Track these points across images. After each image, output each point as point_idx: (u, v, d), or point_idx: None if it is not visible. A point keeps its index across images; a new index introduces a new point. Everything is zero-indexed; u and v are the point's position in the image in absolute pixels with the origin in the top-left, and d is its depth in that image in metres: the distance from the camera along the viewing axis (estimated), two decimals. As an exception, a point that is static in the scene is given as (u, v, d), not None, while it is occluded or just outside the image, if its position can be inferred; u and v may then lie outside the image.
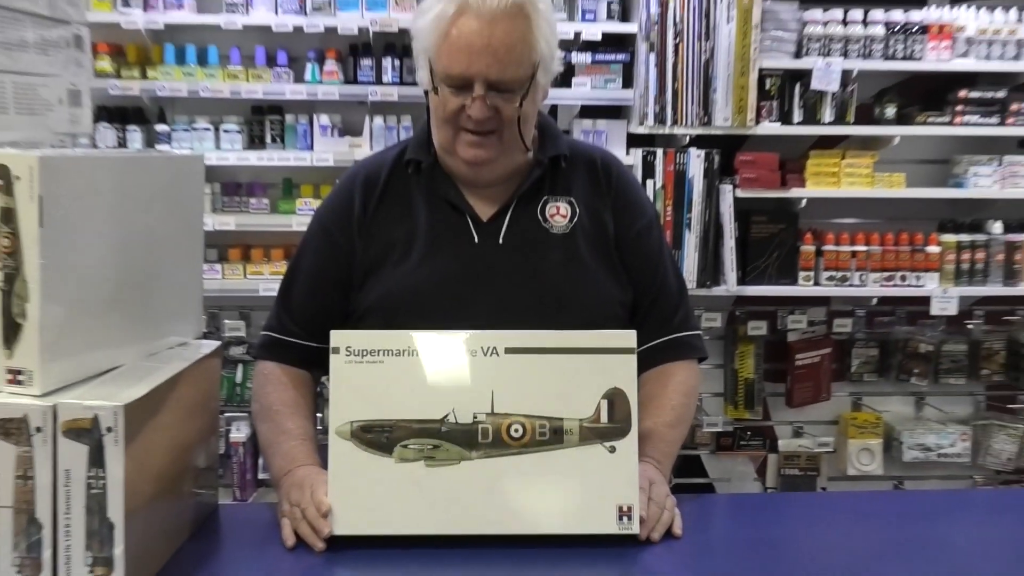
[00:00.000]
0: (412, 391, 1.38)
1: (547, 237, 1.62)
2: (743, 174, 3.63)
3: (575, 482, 1.36)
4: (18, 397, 1.13)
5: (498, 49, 1.48)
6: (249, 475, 3.68)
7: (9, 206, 1.11)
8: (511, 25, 1.49)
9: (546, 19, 1.55)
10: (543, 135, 1.68)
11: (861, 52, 3.61)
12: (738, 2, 3.52)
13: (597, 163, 1.71)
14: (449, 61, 1.50)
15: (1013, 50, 3.65)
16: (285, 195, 3.70)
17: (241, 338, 3.70)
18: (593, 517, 1.35)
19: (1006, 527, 1.51)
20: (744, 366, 3.94)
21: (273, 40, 3.57)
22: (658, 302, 1.68)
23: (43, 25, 1.39)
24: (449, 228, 1.62)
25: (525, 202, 1.64)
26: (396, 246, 1.62)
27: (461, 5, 1.49)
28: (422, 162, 1.64)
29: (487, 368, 1.39)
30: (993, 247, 3.76)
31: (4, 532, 1.12)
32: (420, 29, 1.55)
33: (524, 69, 1.52)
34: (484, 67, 1.48)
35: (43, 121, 1.39)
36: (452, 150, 1.58)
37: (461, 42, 1.48)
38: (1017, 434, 3.96)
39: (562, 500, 1.35)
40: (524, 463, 1.36)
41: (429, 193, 1.64)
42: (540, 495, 1.35)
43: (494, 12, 1.47)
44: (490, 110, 1.51)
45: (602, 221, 1.66)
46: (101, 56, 3.40)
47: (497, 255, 1.60)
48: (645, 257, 1.68)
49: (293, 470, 1.49)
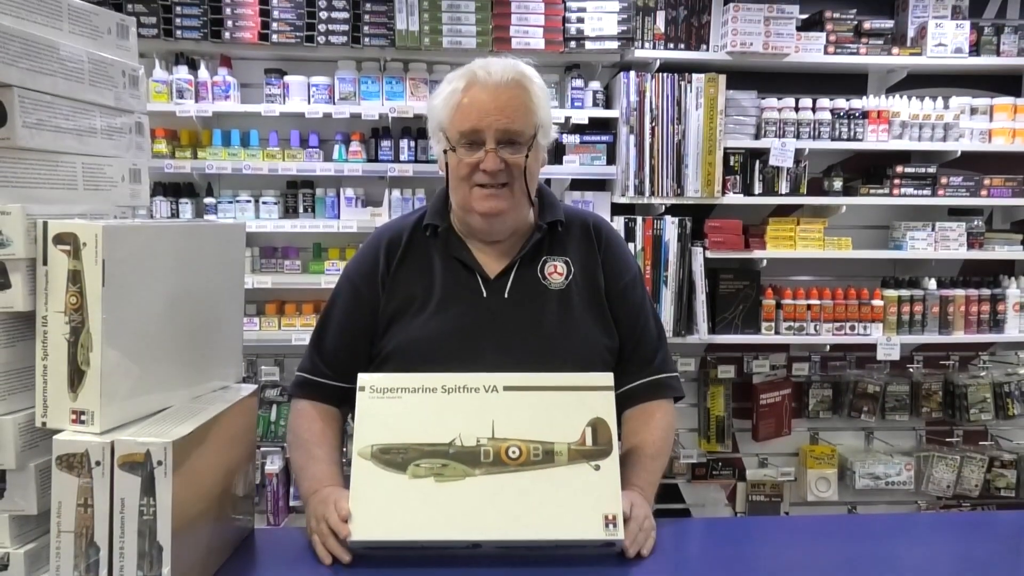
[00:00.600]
0: (424, 421, 1.39)
1: (546, 292, 1.63)
2: (712, 238, 3.65)
3: (566, 495, 1.35)
4: (81, 435, 1.12)
5: (504, 107, 1.52)
6: (281, 502, 3.64)
7: (77, 268, 1.11)
8: (513, 92, 1.54)
9: (542, 91, 1.59)
10: (542, 203, 1.69)
11: (811, 134, 3.66)
12: (705, 91, 3.58)
13: (590, 226, 1.72)
14: (462, 121, 1.54)
15: (941, 132, 3.70)
16: (315, 257, 3.71)
17: (275, 382, 3.69)
18: (583, 524, 1.33)
19: (947, 546, 1.49)
20: (715, 405, 3.92)
21: (306, 125, 3.61)
22: (640, 346, 1.68)
23: (110, 115, 1.41)
24: (461, 284, 1.62)
25: (527, 262, 1.64)
26: (415, 299, 1.62)
27: (469, 80, 1.54)
28: (439, 226, 1.65)
29: (488, 402, 1.40)
30: (929, 300, 3.77)
31: (67, 554, 1.11)
32: (435, 107, 1.60)
33: (528, 127, 1.55)
34: (493, 120, 1.52)
35: (107, 196, 1.40)
36: (469, 207, 1.58)
37: (472, 107, 1.53)
38: (954, 464, 3.93)
39: (555, 510, 1.34)
40: (521, 480, 1.35)
41: (444, 253, 1.64)
42: (535, 506, 1.34)
43: (498, 83, 1.53)
44: (501, 163, 1.53)
45: (594, 277, 1.66)
46: (158, 140, 3.45)
47: (502, 308, 1.61)
48: (629, 307, 1.68)
49: (319, 489, 1.48)
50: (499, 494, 1.34)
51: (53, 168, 1.27)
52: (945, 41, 3.66)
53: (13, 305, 1.14)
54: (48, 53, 1.25)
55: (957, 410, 3.94)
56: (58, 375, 1.13)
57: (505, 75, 1.54)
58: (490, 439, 1.37)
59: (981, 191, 3.73)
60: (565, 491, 1.35)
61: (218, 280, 1.44)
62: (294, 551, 1.41)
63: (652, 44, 3.58)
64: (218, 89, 3.48)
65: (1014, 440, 4.05)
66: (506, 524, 1.33)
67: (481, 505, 1.34)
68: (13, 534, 1.18)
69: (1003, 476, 3.94)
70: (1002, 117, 3.74)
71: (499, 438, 1.38)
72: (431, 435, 1.38)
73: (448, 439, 1.37)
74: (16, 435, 1.15)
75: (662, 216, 3.63)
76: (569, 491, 1.35)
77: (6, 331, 1.15)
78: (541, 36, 3.49)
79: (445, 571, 1.32)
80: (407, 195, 3.60)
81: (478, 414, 1.39)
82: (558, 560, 1.34)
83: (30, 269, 1.14)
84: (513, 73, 1.55)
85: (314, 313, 3.57)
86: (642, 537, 1.40)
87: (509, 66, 1.56)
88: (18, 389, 1.17)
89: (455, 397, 1.41)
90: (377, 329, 1.64)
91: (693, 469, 3.95)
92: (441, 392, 1.41)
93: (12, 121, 1.17)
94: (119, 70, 1.43)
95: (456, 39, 3.46)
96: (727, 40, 3.55)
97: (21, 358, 1.17)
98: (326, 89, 3.52)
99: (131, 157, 1.48)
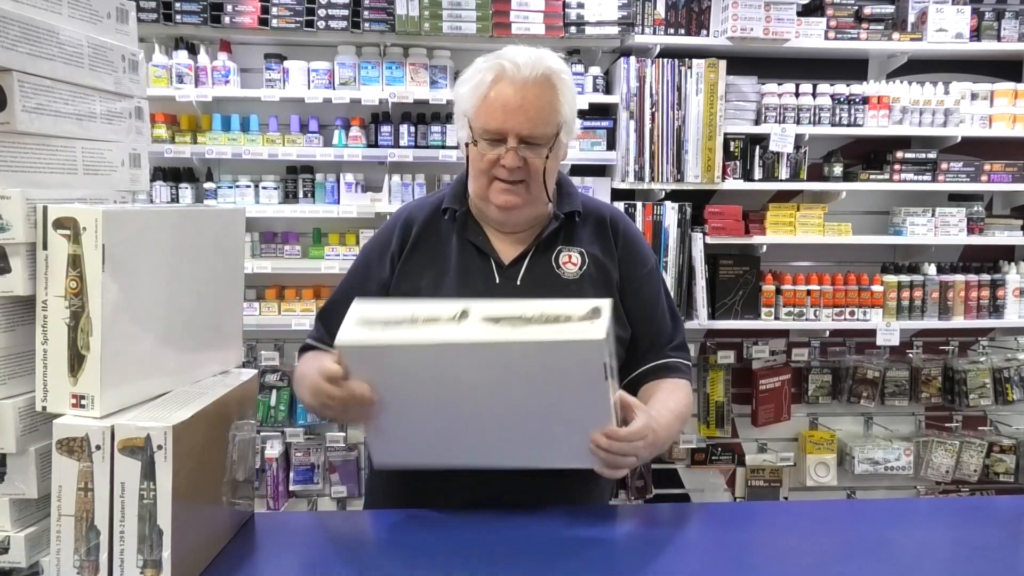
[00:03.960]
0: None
1: (558, 282, 1.62)
2: (711, 224, 3.65)
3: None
4: (81, 419, 1.12)
5: (529, 109, 1.51)
6: (281, 487, 3.66)
7: (77, 253, 1.11)
8: (540, 91, 1.53)
9: (569, 89, 1.58)
10: (560, 193, 1.69)
11: (811, 119, 3.65)
12: (705, 77, 3.56)
13: (607, 221, 1.71)
14: (487, 118, 1.53)
15: (941, 118, 3.68)
16: (315, 243, 3.71)
17: (275, 367, 3.69)
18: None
19: (945, 531, 1.50)
20: (715, 390, 3.92)
21: (306, 110, 3.60)
22: (656, 336, 1.68)
23: (109, 99, 1.41)
24: (475, 268, 1.62)
25: (542, 250, 1.64)
26: (427, 281, 1.62)
27: (498, 73, 1.53)
28: (457, 210, 1.65)
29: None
30: (928, 286, 3.76)
31: (67, 538, 1.11)
32: (461, 95, 1.58)
33: (550, 128, 1.55)
34: (517, 124, 1.52)
35: (107, 180, 1.40)
36: (486, 197, 1.59)
37: (498, 103, 1.52)
38: (953, 449, 3.94)
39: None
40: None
41: (460, 237, 1.65)
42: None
43: (526, 79, 1.52)
44: (520, 160, 1.53)
45: (608, 270, 1.66)
46: (158, 124, 3.43)
47: (514, 295, 1.58)
48: (645, 300, 1.68)
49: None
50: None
51: (53, 153, 1.27)
52: (946, 26, 3.64)
53: (13, 289, 1.14)
54: (48, 37, 1.24)
55: (956, 395, 3.95)
56: (58, 359, 1.13)
57: (534, 71, 1.52)
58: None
59: (981, 177, 3.72)
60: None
61: (218, 265, 1.43)
62: (294, 535, 1.42)
63: (652, 29, 3.56)
64: (218, 74, 3.46)
65: (1013, 425, 4.06)
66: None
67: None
68: (13, 518, 1.18)
69: (1002, 461, 3.94)
70: (1002, 102, 3.72)
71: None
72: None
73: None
74: (16, 419, 1.15)
75: (662, 202, 3.62)
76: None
77: (6, 315, 1.15)
78: (541, 21, 3.47)
79: (456, 556, 1.32)
80: (407, 180, 3.59)
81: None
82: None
83: (30, 253, 1.14)
84: (543, 69, 1.53)
85: (314, 299, 3.58)
86: (622, 451, 1.37)
87: (538, 61, 1.54)
88: (18, 373, 1.17)
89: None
90: None
91: (692, 454, 3.96)
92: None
93: (12, 105, 1.17)
94: (119, 55, 1.42)
95: (456, 24, 3.45)
96: (727, 25, 3.53)
97: (21, 342, 1.17)
98: (326, 74, 3.51)
99: (131, 142, 1.47)
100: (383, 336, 1.30)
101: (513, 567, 1.29)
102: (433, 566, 1.29)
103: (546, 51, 1.58)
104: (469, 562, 1.30)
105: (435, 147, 3.56)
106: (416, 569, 1.28)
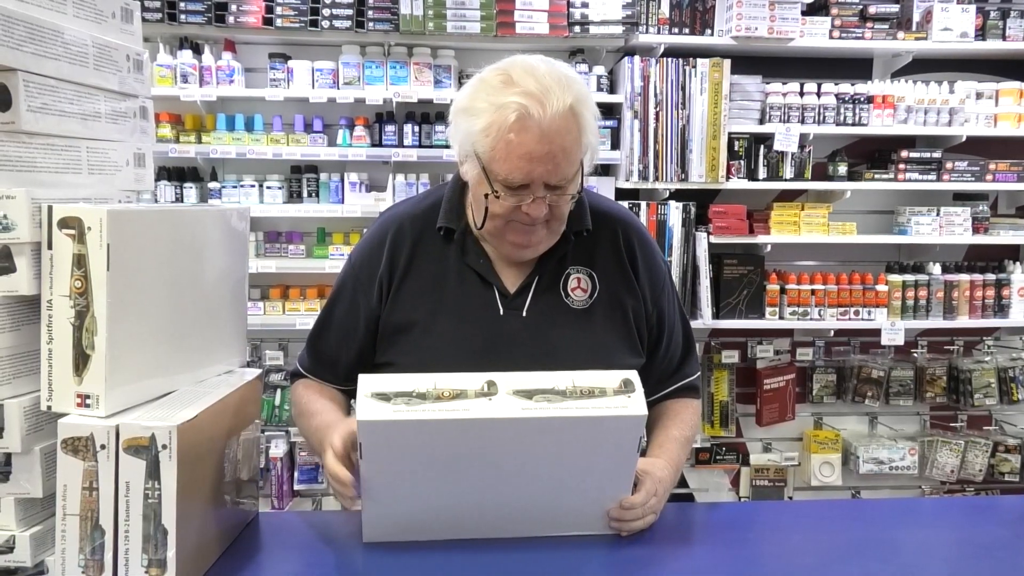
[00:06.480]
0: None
1: (567, 312, 1.51)
2: (716, 223, 3.64)
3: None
4: (86, 419, 1.12)
5: (556, 154, 1.35)
6: (286, 487, 3.66)
7: (81, 252, 1.11)
8: (566, 128, 1.35)
9: (592, 112, 1.40)
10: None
11: (816, 118, 3.64)
12: (710, 76, 3.56)
13: (619, 234, 1.57)
14: (509, 169, 1.35)
15: (946, 117, 3.68)
16: (319, 242, 3.71)
17: (279, 366, 3.70)
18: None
19: (950, 531, 1.49)
20: (719, 390, 3.92)
21: (310, 110, 3.61)
22: (670, 362, 1.65)
23: (114, 99, 1.41)
24: (477, 299, 1.50)
25: (550, 275, 1.52)
26: (423, 314, 1.50)
27: (521, 115, 1.32)
28: (455, 230, 1.52)
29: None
30: (933, 286, 3.76)
31: (72, 537, 1.11)
32: (472, 131, 1.37)
33: (576, 165, 1.40)
34: (544, 173, 1.35)
35: (112, 180, 1.40)
36: (501, 236, 1.45)
37: (521, 150, 1.34)
38: (958, 449, 3.93)
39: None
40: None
41: (459, 261, 1.51)
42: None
43: (552, 119, 1.33)
44: (546, 207, 1.39)
45: (619, 296, 1.55)
46: (163, 124, 3.44)
47: (520, 327, 1.49)
48: (660, 323, 1.60)
49: (321, 440, 1.43)
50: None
51: (58, 152, 1.27)
52: (951, 25, 3.63)
53: (18, 289, 1.14)
54: (52, 37, 1.24)
55: (961, 395, 3.94)
56: (63, 359, 1.13)
57: (559, 106, 1.32)
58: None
59: (986, 176, 3.71)
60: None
61: (222, 264, 1.43)
62: (298, 535, 1.41)
63: (656, 29, 3.56)
64: (222, 74, 3.47)
65: (1018, 425, 4.05)
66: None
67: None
68: (19, 517, 1.18)
69: (1007, 461, 3.94)
70: (1008, 102, 3.71)
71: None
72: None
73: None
74: (21, 419, 1.15)
75: (666, 201, 3.62)
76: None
77: (11, 315, 1.15)
78: (545, 21, 3.47)
79: (454, 556, 1.32)
80: (411, 180, 3.60)
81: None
82: (559, 542, 1.34)
83: (35, 253, 1.14)
84: (570, 100, 1.34)
85: (318, 298, 3.58)
86: (649, 517, 1.40)
87: (562, 88, 1.34)
88: (23, 373, 1.17)
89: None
90: (381, 335, 1.54)
91: (697, 454, 3.95)
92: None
93: (17, 105, 1.17)
94: (123, 54, 1.42)
95: (460, 24, 3.45)
96: (732, 24, 3.52)
97: (26, 342, 1.17)
98: (330, 74, 3.51)
99: (135, 141, 1.47)
100: (410, 413, 1.23)
101: (514, 558, 1.29)
102: (436, 565, 1.28)
103: (560, 68, 1.40)
104: (471, 559, 1.30)
105: (439, 146, 3.56)
106: (418, 568, 1.28)
